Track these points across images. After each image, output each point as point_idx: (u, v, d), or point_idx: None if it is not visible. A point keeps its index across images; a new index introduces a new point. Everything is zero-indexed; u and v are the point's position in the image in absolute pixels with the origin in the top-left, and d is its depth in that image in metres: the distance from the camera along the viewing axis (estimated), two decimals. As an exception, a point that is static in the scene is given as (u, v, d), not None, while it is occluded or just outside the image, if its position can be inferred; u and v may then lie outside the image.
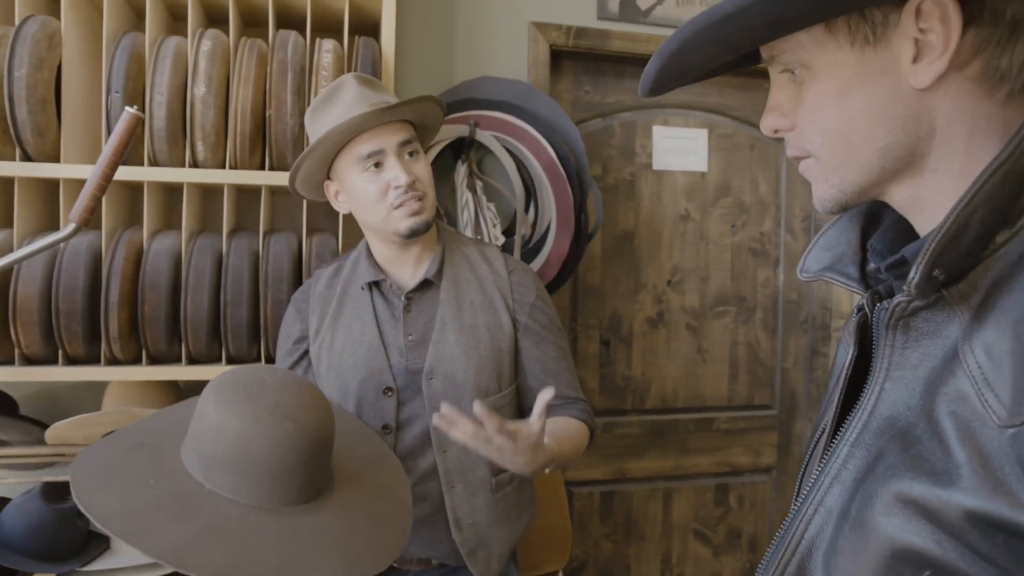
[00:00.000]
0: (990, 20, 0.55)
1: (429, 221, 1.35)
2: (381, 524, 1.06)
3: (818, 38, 0.61)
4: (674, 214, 2.39)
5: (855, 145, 0.62)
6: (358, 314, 1.39)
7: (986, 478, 0.51)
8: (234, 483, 0.96)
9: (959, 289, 0.58)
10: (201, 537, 0.89)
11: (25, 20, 1.58)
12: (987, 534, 0.51)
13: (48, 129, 1.59)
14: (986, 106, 0.58)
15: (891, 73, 0.59)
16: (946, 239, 0.55)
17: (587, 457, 2.31)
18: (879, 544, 0.57)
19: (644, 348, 2.39)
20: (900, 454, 0.58)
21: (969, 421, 0.53)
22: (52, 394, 1.87)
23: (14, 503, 1.64)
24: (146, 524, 0.89)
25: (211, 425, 0.97)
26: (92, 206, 1.31)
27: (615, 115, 2.32)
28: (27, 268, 1.57)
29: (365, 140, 1.30)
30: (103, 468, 0.98)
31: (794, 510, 0.67)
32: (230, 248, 1.68)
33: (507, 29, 2.14)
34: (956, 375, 0.55)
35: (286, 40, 1.67)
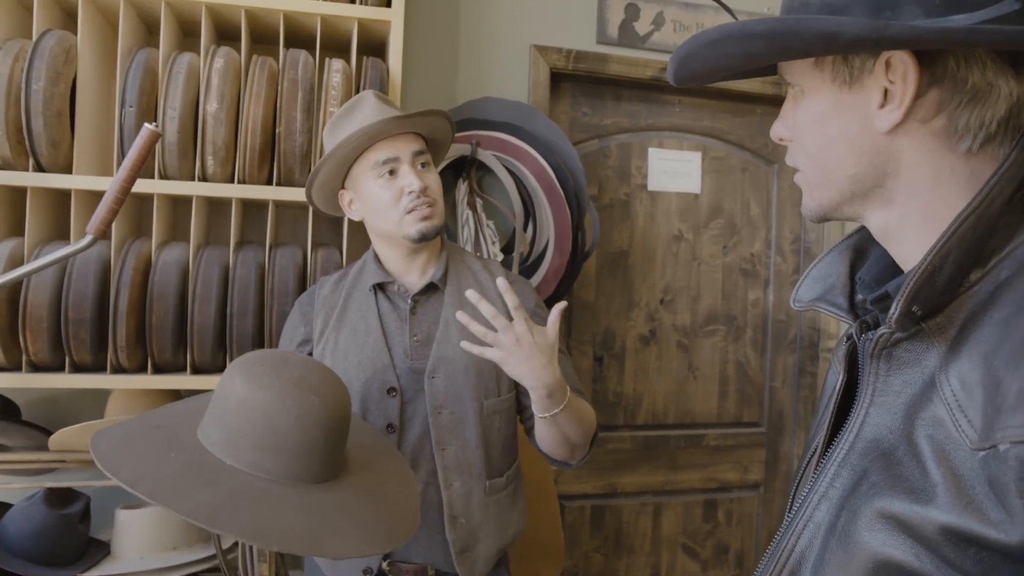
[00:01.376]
0: (951, 84, 0.61)
1: (439, 226, 1.41)
2: (395, 504, 1.10)
3: (808, 68, 0.68)
4: (667, 234, 2.44)
5: (830, 169, 0.69)
6: (363, 315, 1.44)
7: (959, 496, 0.57)
8: (256, 459, 0.98)
9: (937, 322, 0.63)
10: (229, 502, 0.92)
11: (43, 34, 1.62)
12: (960, 548, 0.56)
13: (62, 141, 1.63)
14: (949, 157, 0.64)
15: (862, 113, 0.65)
16: (923, 278, 0.61)
17: (580, 470, 2.36)
18: (863, 557, 0.62)
19: (636, 365, 2.44)
20: (883, 473, 0.63)
21: (944, 444, 0.59)
22: (55, 401, 1.89)
23: (16, 508, 1.66)
24: (175, 487, 0.92)
25: (236, 399, 0.99)
26: (110, 219, 1.35)
27: (612, 137, 2.38)
28: (38, 277, 1.60)
29: (381, 148, 1.38)
30: (123, 443, 1.00)
31: (785, 525, 0.72)
32: (237, 260, 1.71)
33: (509, 51, 2.20)
34: (933, 402, 0.60)
35: (297, 59, 1.72)
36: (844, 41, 0.61)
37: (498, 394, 1.43)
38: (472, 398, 1.39)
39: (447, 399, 1.39)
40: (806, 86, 0.70)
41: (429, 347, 1.41)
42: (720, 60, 0.69)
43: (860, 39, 0.60)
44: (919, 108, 0.63)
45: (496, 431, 1.43)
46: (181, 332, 1.69)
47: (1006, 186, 0.61)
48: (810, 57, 0.67)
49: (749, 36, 0.64)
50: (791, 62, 0.70)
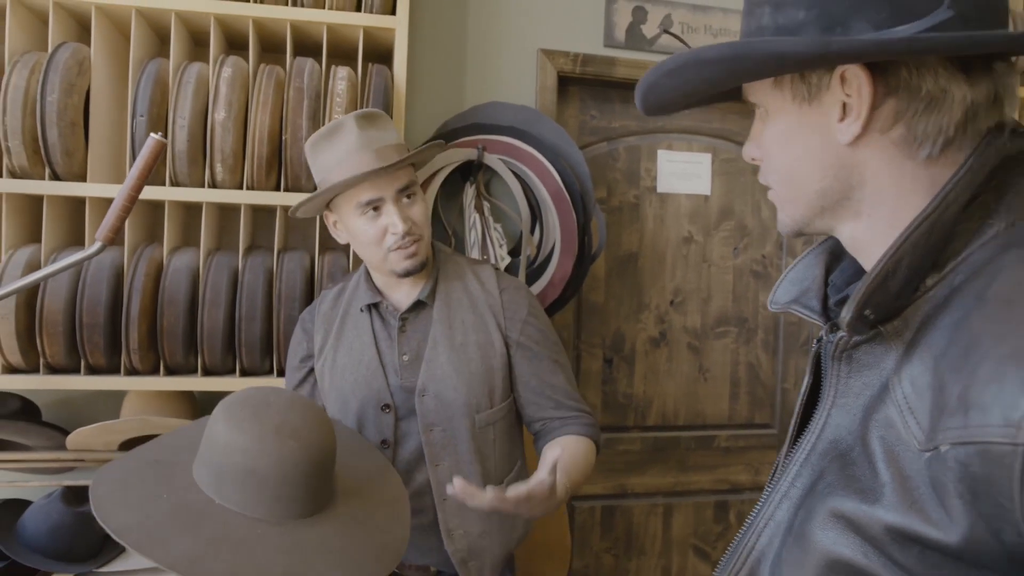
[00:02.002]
0: (906, 94, 0.63)
1: (424, 261, 1.41)
2: (380, 535, 1.12)
3: (769, 88, 0.70)
4: (677, 236, 2.45)
5: (798, 185, 0.71)
6: (358, 334, 1.46)
7: (904, 496, 0.58)
8: (242, 498, 1.02)
9: (895, 326, 0.65)
10: (209, 549, 0.96)
11: (58, 47, 1.67)
12: (904, 547, 0.58)
13: (76, 150, 1.68)
14: (910, 165, 0.65)
15: (823, 128, 0.67)
16: (876, 283, 0.62)
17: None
18: (816, 555, 0.63)
19: (646, 367, 2.44)
20: (837, 474, 0.65)
21: (894, 445, 0.60)
22: (73, 402, 1.95)
23: (35, 505, 1.72)
24: (159, 537, 0.96)
25: (220, 441, 1.04)
26: (118, 226, 1.39)
27: (620, 139, 2.39)
28: (53, 282, 1.65)
29: (364, 189, 1.34)
30: (120, 484, 1.05)
31: (747, 523, 0.74)
32: (245, 266, 1.75)
33: (516, 56, 2.22)
34: (886, 404, 0.62)
35: (303, 68, 1.75)
36: (793, 60, 0.62)
37: (490, 406, 1.43)
38: (463, 415, 1.40)
39: (438, 417, 1.40)
40: (769, 106, 0.72)
41: (419, 365, 1.42)
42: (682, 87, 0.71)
43: (807, 56, 0.61)
44: (877, 119, 0.64)
45: (491, 442, 1.44)
46: (192, 335, 1.73)
47: (961, 193, 0.62)
48: (765, 78, 0.69)
49: (704, 62, 0.66)
50: (754, 84, 0.72)
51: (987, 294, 0.58)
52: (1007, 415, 0.51)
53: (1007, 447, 0.51)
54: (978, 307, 0.58)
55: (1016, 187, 0.63)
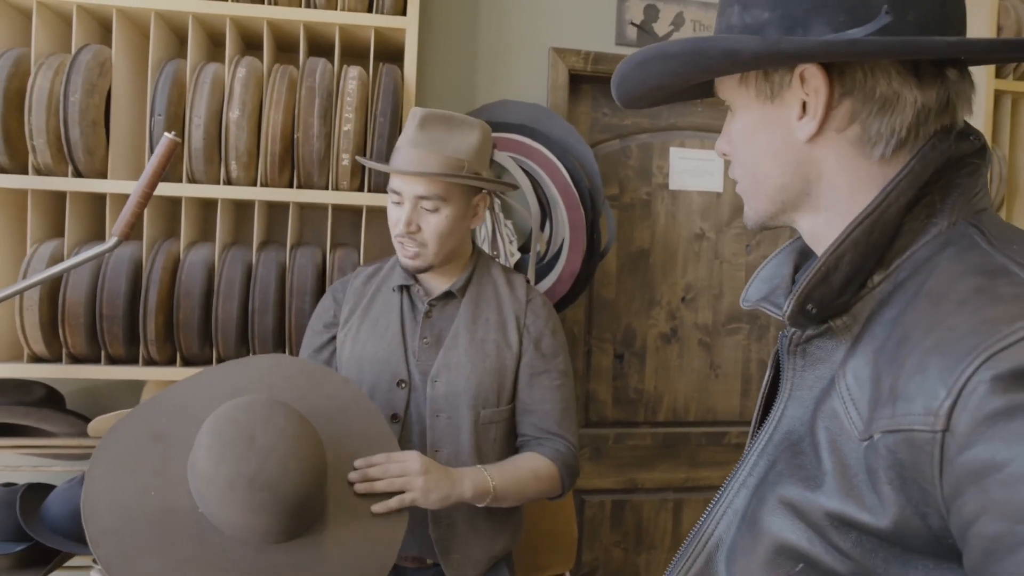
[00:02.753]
0: (860, 95, 0.66)
1: (421, 268, 1.44)
2: (360, 560, 1.14)
3: (735, 85, 0.72)
4: (689, 233, 2.46)
5: (760, 179, 0.73)
6: (386, 311, 1.50)
7: (843, 484, 0.61)
8: (220, 519, 1.04)
9: (844, 321, 0.67)
10: (175, 572, 0.99)
11: (80, 49, 1.74)
12: (842, 531, 0.61)
13: (97, 148, 1.74)
14: (864, 164, 0.67)
15: (784, 125, 0.70)
16: (816, 279, 0.65)
17: (599, 465, 2.40)
18: (765, 541, 0.66)
19: (657, 362, 2.46)
20: (788, 462, 0.68)
21: (837, 435, 0.63)
22: (95, 391, 2.02)
23: (58, 490, 1.78)
24: (128, 554, 0.99)
25: (199, 469, 1.04)
26: (133, 221, 1.45)
27: (632, 137, 2.40)
28: (75, 276, 1.72)
29: (395, 178, 1.41)
30: (116, 466, 1.08)
31: (707, 512, 0.76)
32: (259, 260, 1.81)
33: (528, 54, 2.24)
34: (832, 395, 0.65)
35: (315, 67, 1.80)
36: (745, 57, 0.65)
37: (496, 404, 1.46)
38: (469, 406, 1.43)
39: (445, 404, 1.44)
40: (735, 102, 0.74)
41: (437, 351, 1.46)
42: (650, 80, 0.74)
43: (758, 55, 0.64)
44: (834, 118, 0.67)
45: (491, 440, 1.47)
46: (207, 327, 1.79)
47: (903, 193, 0.64)
48: (725, 74, 0.72)
49: (668, 56, 0.69)
50: (724, 81, 0.75)
51: (922, 290, 0.60)
52: (928, 404, 0.54)
53: (928, 434, 0.54)
54: (913, 302, 0.60)
55: (961, 187, 0.65)
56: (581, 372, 2.41)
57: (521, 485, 1.39)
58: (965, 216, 0.64)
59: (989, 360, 0.52)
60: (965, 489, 0.52)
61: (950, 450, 0.53)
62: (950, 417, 0.53)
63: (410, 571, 1.51)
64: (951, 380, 0.53)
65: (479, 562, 1.46)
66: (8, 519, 1.73)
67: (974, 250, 0.61)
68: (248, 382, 1.25)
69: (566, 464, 1.46)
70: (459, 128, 1.42)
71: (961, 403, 0.52)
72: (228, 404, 1.10)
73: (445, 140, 1.39)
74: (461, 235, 1.47)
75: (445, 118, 1.42)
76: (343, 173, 1.82)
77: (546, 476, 1.43)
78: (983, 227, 0.63)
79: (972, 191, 0.66)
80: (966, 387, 0.52)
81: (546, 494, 1.45)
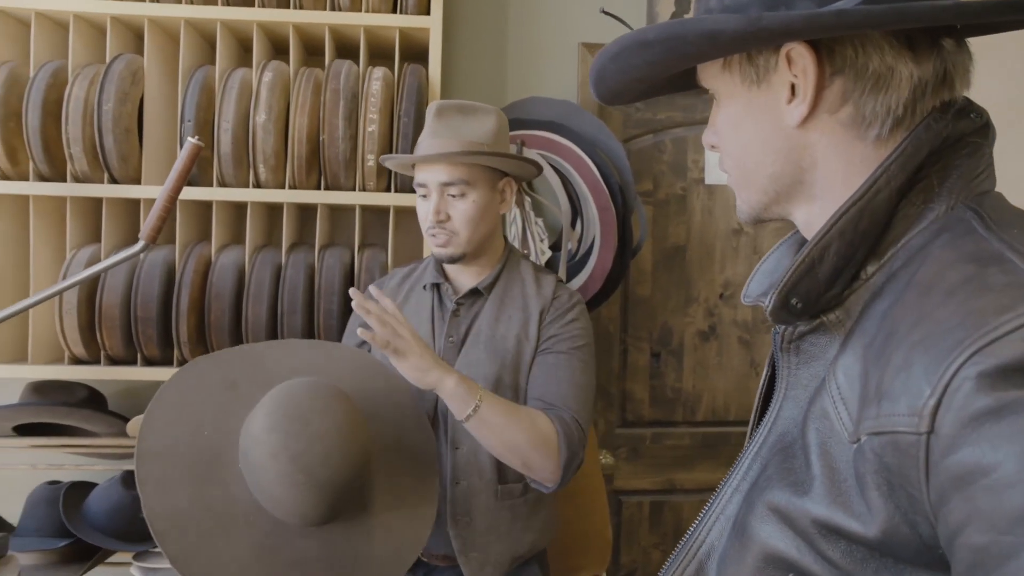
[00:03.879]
0: (852, 73, 0.61)
1: (454, 255, 1.44)
2: (394, 541, 1.20)
3: (719, 72, 0.69)
4: (726, 228, 2.40)
5: (750, 170, 0.69)
6: (418, 310, 1.51)
7: (831, 489, 0.57)
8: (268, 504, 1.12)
9: (837, 316, 0.64)
10: (201, 508, 1.05)
11: (114, 59, 1.78)
12: (830, 540, 0.57)
13: (131, 155, 1.79)
14: (859, 146, 0.63)
15: (773, 110, 0.66)
16: (800, 271, 0.61)
17: (637, 466, 2.36)
18: (754, 549, 0.63)
19: (695, 361, 2.41)
20: (778, 466, 0.64)
21: (827, 437, 0.59)
22: (135, 391, 2.07)
23: (99, 489, 1.84)
24: (166, 480, 1.06)
25: (252, 429, 1.11)
26: (159, 225, 1.48)
27: (666, 131, 2.36)
28: (111, 279, 1.77)
29: (419, 170, 1.43)
30: (184, 395, 1.17)
31: (700, 517, 0.73)
32: (288, 262, 1.83)
33: (557, 50, 2.22)
34: (822, 395, 0.61)
35: (339, 70, 1.81)
36: (726, 37, 0.61)
37: (515, 400, 1.44)
38: None
39: None
40: (720, 91, 0.71)
41: (460, 350, 1.46)
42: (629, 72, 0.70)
43: (738, 34, 0.60)
44: (825, 99, 0.63)
45: None
46: (237, 328, 1.82)
47: (894, 177, 0.60)
48: (706, 60, 0.68)
49: (644, 44, 0.66)
50: (706, 69, 0.71)
51: (912, 280, 0.56)
52: (912, 404, 0.50)
53: (912, 436, 0.50)
54: (903, 294, 0.57)
55: (960, 169, 0.61)
56: (617, 371, 2.38)
57: (511, 418, 1.29)
58: (965, 199, 0.60)
59: (975, 355, 0.48)
60: (950, 496, 0.48)
61: (935, 453, 0.49)
62: (935, 418, 0.49)
63: (441, 569, 1.51)
64: (935, 377, 0.49)
65: (500, 563, 1.44)
66: (52, 516, 1.78)
67: (968, 236, 0.56)
68: (324, 363, 1.32)
69: (567, 433, 1.34)
70: (475, 114, 1.43)
71: (945, 402, 0.48)
72: (300, 381, 1.17)
73: (462, 126, 1.41)
74: (491, 222, 1.47)
75: (460, 106, 1.43)
76: (369, 174, 1.83)
77: (542, 428, 1.32)
78: (983, 210, 0.58)
79: (973, 172, 0.61)
80: (951, 385, 0.48)
81: (540, 453, 1.31)
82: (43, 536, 1.76)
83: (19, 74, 1.81)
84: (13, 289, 1.84)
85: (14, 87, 1.78)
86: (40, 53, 1.84)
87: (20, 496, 1.82)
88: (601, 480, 2.08)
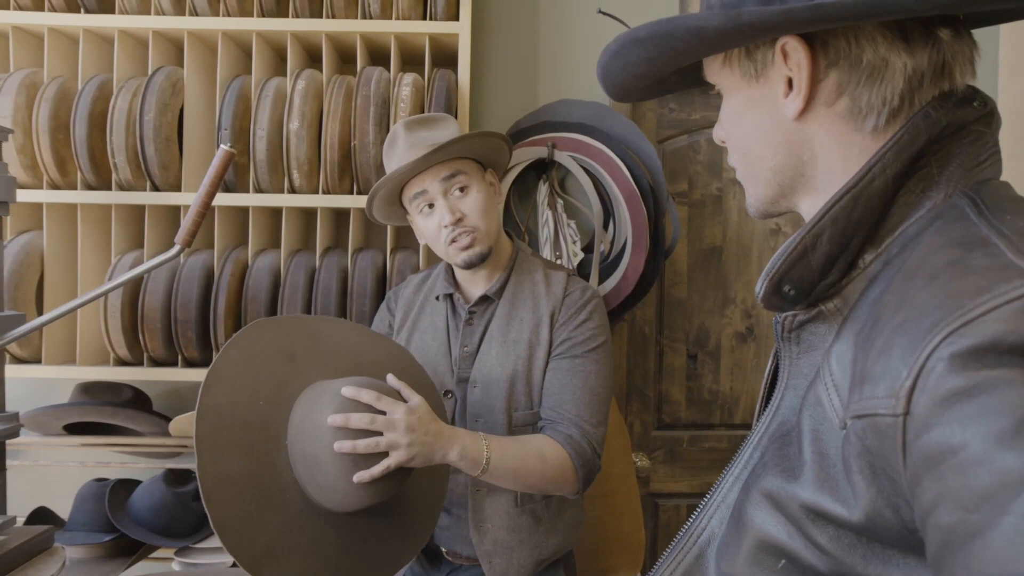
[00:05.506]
0: (847, 65, 0.62)
1: (483, 252, 1.43)
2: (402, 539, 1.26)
3: (720, 68, 0.69)
4: (764, 228, 2.37)
5: (754, 163, 0.70)
6: (432, 321, 1.52)
7: (820, 474, 0.57)
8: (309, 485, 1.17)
9: (835, 304, 0.64)
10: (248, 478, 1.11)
11: (155, 72, 1.85)
12: (819, 526, 0.57)
13: (171, 163, 1.85)
14: (857, 138, 0.63)
15: (771, 104, 0.66)
16: (792, 258, 0.61)
17: (674, 469, 2.34)
18: (749, 535, 0.63)
19: (732, 362, 2.38)
20: (775, 454, 0.64)
21: (819, 424, 0.59)
22: (178, 392, 2.14)
23: (143, 486, 1.90)
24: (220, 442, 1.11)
25: (312, 419, 1.15)
26: (194, 230, 1.53)
27: (701, 132, 2.34)
28: (153, 283, 1.83)
29: (412, 184, 1.43)
30: (248, 358, 1.19)
31: (701, 506, 0.73)
32: (321, 265, 1.87)
33: (587, 52, 2.22)
34: (817, 383, 0.61)
35: (370, 76, 1.85)
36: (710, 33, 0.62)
37: (529, 406, 1.44)
38: (502, 409, 1.43)
39: (482, 408, 1.44)
40: (723, 85, 0.72)
41: (474, 357, 1.47)
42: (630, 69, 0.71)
43: (722, 30, 0.61)
44: (821, 92, 0.64)
45: None
46: (273, 331, 1.86)
47: (889, 165, 0.60)
48: (695, 56, 0.69)
49: (639, 41, 0.67)
50: (710, 65, 0.72)
51: (903, 267, 0.56)
52: (890, 386, 0.50)
53: (890, 419, 0.50)
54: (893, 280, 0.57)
55: (961, 157, 0.60)
56: (653, 373, 2.36)
57: (523, 464, 1.31)
58: (964, 187, 0.60)
59: (949, 336, 0.48)
60: (922, 477, 0.48)
61: (910, 435, 0.49)
62: (910, 399, 0.49)
63: (465, 568, 1.52)
64: (911, 359, 0.49)
65: (524, 567, 1.44)
66: (98, 511, 1.85)
67: (959, 222, 0.56)
68: (372, 350, 1.35)
69: (579, 453, 1.35)
70: (439, 123, 1.46)
71: (920, 383, 0.48)
72: (367, 381, 1.20)
73: (431, 135, 1.43)
74: (496, 214, 1.49)
75: (422, 119, 1.46)
76: (400, 178, 1.86)
77: (554, 461, 1.33)
78: (980, 197, 0.58)
79: (974, 160, 0.61)
80: (925, 366, 0.48)
81: (557, 483, 1.35)
82: (90, 531, 1.82)
83: (68, 88, 1.89)
84: (63, 294, 1.92)
85: (63, 101, 1.86)
86: (87, 67, 1.92)
87: (71, 492, 1.90)
88: (635, 482, 2.07)
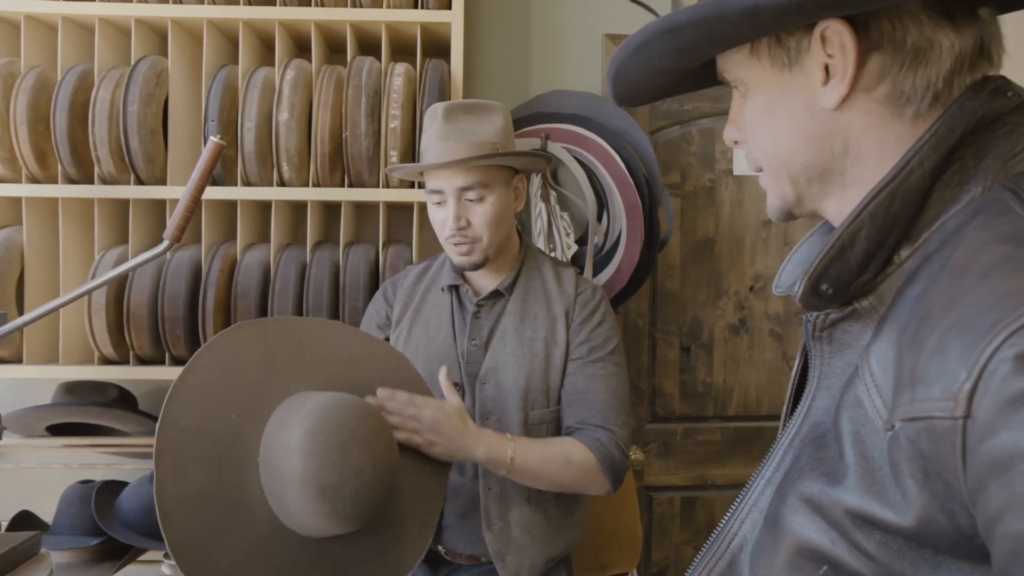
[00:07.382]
0: (890, 48, 0.59)
1: (477, 262, 1.40)
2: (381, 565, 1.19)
3: (745, 60, 0.66)
4: (756, 220, 2.36)
5: (783, 160, 0.67)
6: (436, 312, 1.49)
7: (865, 478, 0.55)
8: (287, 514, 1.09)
9: (870, 302, 0.61)
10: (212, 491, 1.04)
11: (138, 61, 1.79)
12: (865, 531, 0.55)
13: (156, 156, 1.80)
14: (896, 125, 0.61)
15: (806, 94, 0.63)
16: (830, 256, 0.59)
17: (668, 462, 2.33)
18: (787, 541, 0.61)
19: (726, 355, 2.37)
20: (811, 456, 0.62)
21: (860, 425, 0.57)
22: (165, 391, 2.06)
23: (130, 487, 1.85)
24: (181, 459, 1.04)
25: (286, 441, 1.06)
26: (183, 225, 1.48)
27: (693, 122, 2.32)
28: (138, 279, 1.78)
29: (432, 176, 1.39)
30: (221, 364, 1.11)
31: (731, 510, 0.71)
32: (312, 259, 1.83)
33: (581, 42, 2.20)
34: (856, 383, 0.59)
35: (361, 66, 1.80)
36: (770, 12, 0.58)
37: (546, 405, 1.42)
38: (518, 408, 1.40)
39: (494, 406, 1.41)
40: (748, 79, 0.68)
41: (485, 353, 1.44)
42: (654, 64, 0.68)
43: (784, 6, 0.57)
44: (862, 78, 0.61)
45: None
46: (263, 328, 1.82)
47: (926, 158, 0.58)
48: (744, 42, 0.65)
49: (677, 29, 0.63)
50: (729, 61, 0.68)
51: (947, 264, 0.54)
52: (947, 388, 0.48)
53: (948, 421, 0.48)
54: (937, 278, 0.55)
55: (997, 149, 0.58)
56: (646, 366, 2.35)
57: (547, 465, 1.34)
58: (1002, 180, 0.57)
59: (1012, 336, 0.45)
60: (989, 482, 0.46)
61: (972, 439, 0.47)
62: (971, 401, 0.47)
63: (463, 568, 1.50)
64: (971, 360, 0.47)
65: (535, 565, 1.43)
66: (84, 514, 1.80)
67: (1005, 216, 0.54)
68: (364, 359, 1.29)
69: (606, 456, 1.36)
70: (483, 113, 1.39)
71: (982, 386, 0.46)
72: (349, 401, 1.11)
73: (473, 127, 1.36)
74: (510, 222, 1.44)
75: (467, 106, 1.39)
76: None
77: (579, 464, 1.35)
78: (1021, 190, 0.56)
79: (1010, 152, 0.59)
80: (987, 367, 0.46)
81: (584, 485, 1.38)
82: (76, 534, 1.77)
83: (47, 78, 1.83)
84: (44, 291, 1.87)
85: (43, 91, 1.80)
86: (67, 57, 1.85)
87: (54, 495, 1.84)
88: (631, 477, 2.05)
